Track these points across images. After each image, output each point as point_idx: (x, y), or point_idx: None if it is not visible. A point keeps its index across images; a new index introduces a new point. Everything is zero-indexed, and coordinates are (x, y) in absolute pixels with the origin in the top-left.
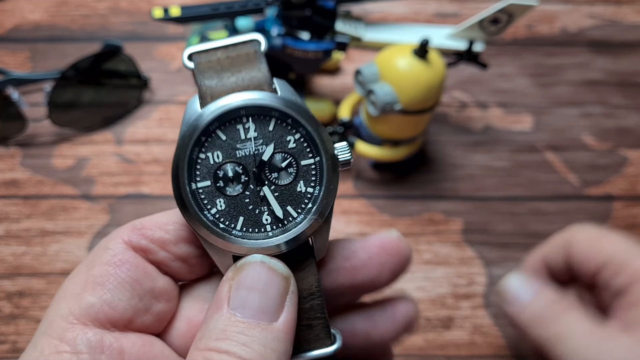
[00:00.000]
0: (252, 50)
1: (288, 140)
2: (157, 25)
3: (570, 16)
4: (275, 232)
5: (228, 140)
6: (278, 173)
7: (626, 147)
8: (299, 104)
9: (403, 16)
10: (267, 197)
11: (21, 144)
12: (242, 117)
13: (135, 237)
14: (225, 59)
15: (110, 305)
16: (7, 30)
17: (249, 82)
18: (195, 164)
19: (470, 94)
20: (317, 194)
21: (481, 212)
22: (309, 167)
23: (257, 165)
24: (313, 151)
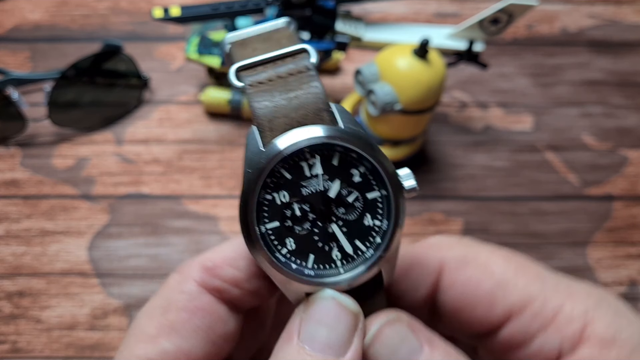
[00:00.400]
0: (304, 66)
1: (353, 174)
2: (157, 25)
3: (570, 16)
4: (346, 267)
5: (294, 178)
6: (345, 208)
7: (626, 147)
8: (361, 136)
9: (403, 16)
10: (336, 233)
11: (21, 144)
12: (305, 154)
13: (209, 278)
14: (277, 79)
15: (185, 353)
16: (7, 30)
17: (307, 109)
18: (262, 206)
19: (470, 94)
20: (385, 227)
21: (481, 212)
22: (376, 200)
23: (324, 202)
24: (378, 183)
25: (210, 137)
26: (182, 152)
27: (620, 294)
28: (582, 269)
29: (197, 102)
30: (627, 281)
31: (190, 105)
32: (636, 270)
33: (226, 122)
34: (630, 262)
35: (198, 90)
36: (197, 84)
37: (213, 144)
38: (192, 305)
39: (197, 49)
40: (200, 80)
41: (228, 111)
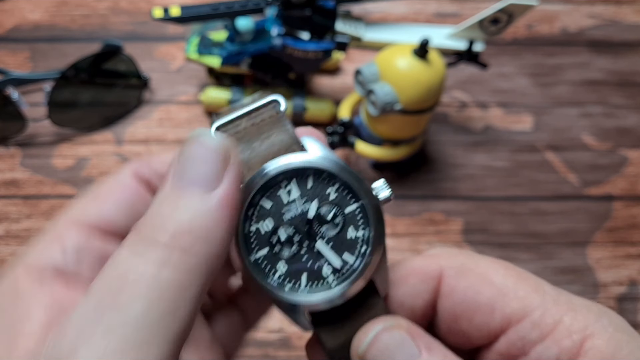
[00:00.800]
0: (275, 112)
1: (328, 193)
2: (157, 25)
3: (571, 16)
4: (337, 281)
5: (273, 206)
6: (327, 225)
7: (626, 147)
8: (329, 158)
9: (403, 16)
10: (322, 250)
11: (21, 144)
12: (281, 182)
13: (142, 168)
14: (251, 127)
15: (107, 219)
16: (7, 30)
17: (279, 146)
18: (249, 237)
19: (470, 94)
20: (367, 235)
21: (481, 212)
22: (354, 213)
23: (306, 223)
24: (354, 197)
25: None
26: None
27: (620, 294)
28: (582, 268)
29: (197, 102)
30: (627, 281)
31: (190, 105)
32: (636, 270)
33: None
34: (630, 262)
35: (198, 90)
36: (197, 84)
37: None
38: (121, 183)
39: (197, 49)
40: (200, 80)
41: None
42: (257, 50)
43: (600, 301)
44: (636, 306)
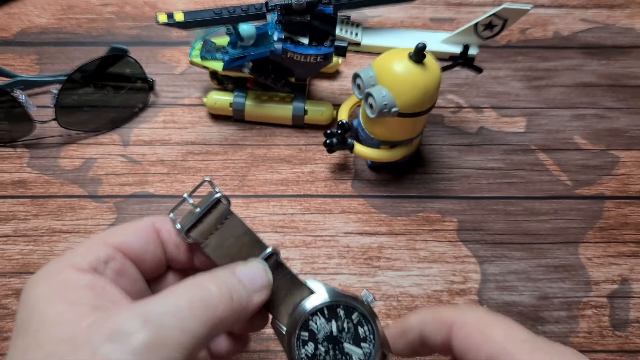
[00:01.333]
0: (225, 207)
1: (339, 314)
2: (161, 29)
3: (564, 20)
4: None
5: (310, 334)
6: (345, 333)
7: (617, 148)
8: (331, 291)
9: (400, 21)
10: (348, 348)
11: (28, 145)
12: (310, 318)
13: (158, 222)
14: (214, 230)
15: (127, 244)
16: (14, 34)
17: (238, 233)
18: (299, 358)
19: (464, 96)
20: (371, 328)
21: (476, 211)
22: (359, 319)
23: (333, 337)
24: (354, 309)
25: (214, 138)
26: (187, 153)
27: (612, 291)
28: (575, 266)
29: (201, 105)
30: (619, 279)
31: (194, 107)
32: (627, 268)
33: (229, 124)
34: (622, 260)
35: (202, 93)
36: (201, 87)
37: (216, 145)
38: (139, 224)
39: (200, 53)
40: (204, 84)
41: (231, 113)
42: (258, 54)
43: (592, 299)
44: (628, 303)
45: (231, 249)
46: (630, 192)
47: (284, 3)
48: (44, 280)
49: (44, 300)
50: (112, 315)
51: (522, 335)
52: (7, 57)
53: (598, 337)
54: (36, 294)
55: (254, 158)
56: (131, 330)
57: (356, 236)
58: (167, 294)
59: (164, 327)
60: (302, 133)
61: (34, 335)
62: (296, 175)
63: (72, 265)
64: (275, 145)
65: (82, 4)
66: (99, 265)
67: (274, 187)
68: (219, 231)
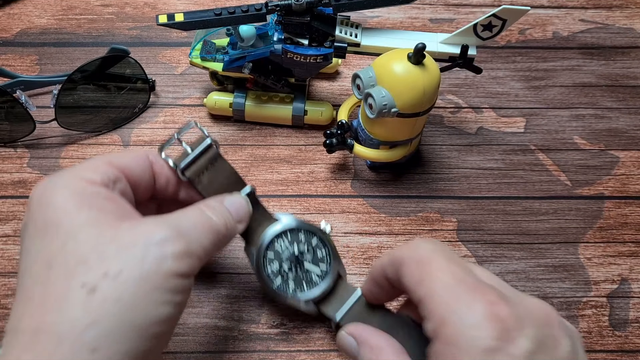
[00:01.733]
0: (215, 151)
1: (300, 238)
2: (161, 30)
3: (563, 20)
4: (323, 280)
5: (275, 254)
6: (306, 254)
7: (617, 148)
8: (294, 218)
9: (400, 21)
10: (309, 267)
11: (29, 146)
12: (275, 241)
13: (151, 154)
14: (204, 169)
15: (128, 167)
16: (14, 34)
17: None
18: (268, 275)
19: (464, 97)
20: (328, 252)
21: (475, 211)
22: (317, 243)
23: (295, 257)
24: (313, 234)
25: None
26: None
27: (612, 291)
28: (574, 266)
29: (201, 105)
30: (618, 278)
31: (194, 108)
32: (627, 268)
33: (229, 125)
34: (621, 260)
35: (202, 93)
36: (201, 88)
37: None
38: (137, 153)
39: (200, 53)
40: (204, 84)
41: (231, 114)
42: (258, 55)
43: (592, 299)
44: (627, 303)
45: (219, 187)
46: (629, 192)
47: (284, 4)
48: (61, 190)
49: (70, 206)
50: (144, 224)
51: (446, 279)
52: (7, 57)
53: (598, 337)
54: (58, 201)
55: (254, 158)
56: (168, 238)
57: (356, 236)
58: (182, 216)
59: (191, 240)
60: (301, 133)
61: (65, 236)
62: (296, 176)
63: (85, 179)
64: (275, 146)
65: (83, 5)
66: (109, 183)
67: (274, 187)
68: (209, 171)
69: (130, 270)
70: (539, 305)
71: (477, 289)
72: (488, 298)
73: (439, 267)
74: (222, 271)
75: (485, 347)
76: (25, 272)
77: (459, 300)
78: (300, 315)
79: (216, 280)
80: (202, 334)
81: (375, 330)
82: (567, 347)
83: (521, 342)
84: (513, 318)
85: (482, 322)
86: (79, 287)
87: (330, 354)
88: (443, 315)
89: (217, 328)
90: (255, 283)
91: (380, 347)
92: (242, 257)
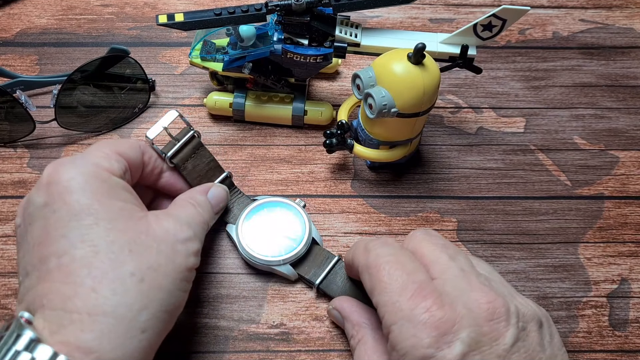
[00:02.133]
0: (198, 141)
1: (276, 212)
2: (161, 30)
3: (563, 20)
4: (298, 245)
5: (254, 226)
6: (282, 224)
7: (617, 148)
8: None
9: (400, 21)
10: (284, 234)
11: (29, 146)
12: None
13: (143, 144)
14: (188, 157)
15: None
16: (14, 34)
17: (207, 160)
18: (245, 243)
19: (464, 97)
20: (303, 222)
21: (475, 211)
22: (293, 215)
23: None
24: (290, 208)
25: (214, 139)
26: None
27: (612, 291)
28: (574, 266)
29: (201, 106)
30: (618, 278)
31: (194, 108)
32: (627, 268)
33: (229, 125)
34: (621, 260)
35: (202, 93)
36: (201, 88)
37: (216, 145)
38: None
39: (200, 53)
40: (204, 84)
41: (231, 114)
42: (257, 55)
43: (591, 299)
44: (627, 303)
45: (201, 172)
46: (629, 192)
47: (284, 4)
48: (89, 178)
49: (103, 196)
50: (166, 221)
51: (391, 287)
52: (7, 57)
53: (597, 337)
54: (89, 189)
55: (254, 158)
56: (190, 238)
57: (356, 236)
58: (189, 215)
59: (201, 239)
60: (301, 133)
61: (106, 224)
62: (296, 176)
63: (105, 168)
64: (275, 146)
65: (82, 5)
66: (122, 174)
67: (274, 187)
68: (192, 158)
69: (166, 264)
70: (485, 299)
71: (418, 295)
72: (426, 305)
73: (385, 274)
74: (222, 271)
75: (422, 355)
76: (64, 252)
77: (400, 310)
78: (300, 315)
79: (216, 280)
80: (202, 334)
81: (357, 305)
82: (509, 339)
83: (455, 346)
84: (449, 322)
85: (418, 332)
86: (129, 275)
87: (330, 354)
88: (388, 325)
89: (217, 328)
90: (255, 283)
91: (360, 324)
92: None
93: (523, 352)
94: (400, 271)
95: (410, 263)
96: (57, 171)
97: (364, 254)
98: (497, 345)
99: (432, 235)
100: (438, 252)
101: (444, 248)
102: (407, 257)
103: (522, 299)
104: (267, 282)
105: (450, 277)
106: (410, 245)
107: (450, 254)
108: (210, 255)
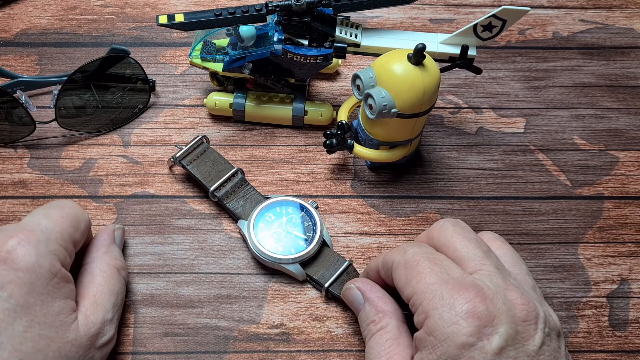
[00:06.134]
0: (206, 145)
1: (289, 211)
2: (161, 30)
3: (563, 21)
4: (308, 245)
5: (265, 224)
6: (294, 223)
7: (617, 149)
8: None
9: (400, 22)
10: (295, 233)
11: (29, 146)
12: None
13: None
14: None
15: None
16: (14, 35)
17: (215, 162)
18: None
19: (464, 97)
20: (314, 222)
21: (475, 211)
22: (304, 215)
23: (284, 225)
24: (302, 209)
25: (214, 139)
26: None
27: (611, 292)
28: (574, 267)
29: (201, 106)
30: (618, 279)
31: (194, 108)
32: (627, 268)
33: (229, 125)
34: (621, 260)
35: (202, 94)
36: (201, 88)
37: (217, 146)
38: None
39: (200, 54)
40: (204, 85)
41: (231, 114)
42: (258, 55)
43: (591, 299)
44: (627, 303)
45: (208, 169)
46: (629, 193)
47: (284, 4)
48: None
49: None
50: (92, 327)
51: (430, 279)
52: (7, 57)
53: (597, 337)
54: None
55: (254, 158)
56: (108, 338)
57: (356, 236)
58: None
59: (116, 311)
60: (302, 134)
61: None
62: (296, 176)
63: (60, 259)
64: (275, 146)
65: (83, 5)
66: (67, 264)
67: (274, 187)
68: (200, 158)
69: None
70: (520, 300)
71: (459, 288)
72: (468, 297)
73: (424, 268)
74: (222, 271)
75: (461, 342)
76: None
77: (441, 299)
78: (300, 315)
79: (216, 280)
80: (202, 334)
81: (383, 292)
82: (537, 341)
83: (494, 338)
84: (490, 316)
85: (459, 320)
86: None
87: (330, 354)
88: (427, 310)
89: (217, 328)
90: (256, 283)
91: (385, 311)
92: (242, 257)
93: (547, 356)
94: (439, 267)
95: (447, 261)
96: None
97: (400, 252)
98: (528, 345)
99: (463, 227)
100: (472, 247)
101: (477, 244)
102: (443, 256)
103: (547, 307)
104: (267, 283)
105: (487, 273)
106: (442, 239)
107: (485, 250)
108: (211, 256)
